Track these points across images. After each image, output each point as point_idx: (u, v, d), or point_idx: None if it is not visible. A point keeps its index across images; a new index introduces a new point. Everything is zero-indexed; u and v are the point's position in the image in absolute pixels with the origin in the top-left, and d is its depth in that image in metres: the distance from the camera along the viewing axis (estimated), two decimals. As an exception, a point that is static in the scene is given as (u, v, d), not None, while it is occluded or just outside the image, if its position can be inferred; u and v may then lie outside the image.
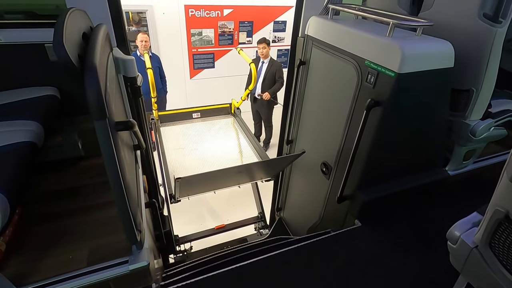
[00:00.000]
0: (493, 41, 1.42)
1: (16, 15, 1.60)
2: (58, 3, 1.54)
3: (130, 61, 1.55)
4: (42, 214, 1.42)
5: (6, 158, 1.04)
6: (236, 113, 3.66)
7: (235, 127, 3.52)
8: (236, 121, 3.57)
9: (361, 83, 1.58)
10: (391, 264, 1.54)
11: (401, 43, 1.32)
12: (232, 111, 3.71)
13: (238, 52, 3.66)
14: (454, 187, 2.06)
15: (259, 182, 2.85)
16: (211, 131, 3.32)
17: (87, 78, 0.81)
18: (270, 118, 4.77)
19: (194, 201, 2.59)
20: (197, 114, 3.56)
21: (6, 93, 1.48)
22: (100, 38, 1.08)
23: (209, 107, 3.63)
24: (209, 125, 3.49)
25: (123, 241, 1.34)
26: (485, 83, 1.58)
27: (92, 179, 1.69)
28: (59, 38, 0.80)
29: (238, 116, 3.60)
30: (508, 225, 0.75)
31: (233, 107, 3.66)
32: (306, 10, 1.98)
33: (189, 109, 3.53)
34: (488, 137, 1.81)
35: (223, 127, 3.48)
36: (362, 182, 1.73)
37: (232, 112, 3.71)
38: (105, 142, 0.90)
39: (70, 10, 1.00)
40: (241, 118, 3.51)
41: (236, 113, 3.65)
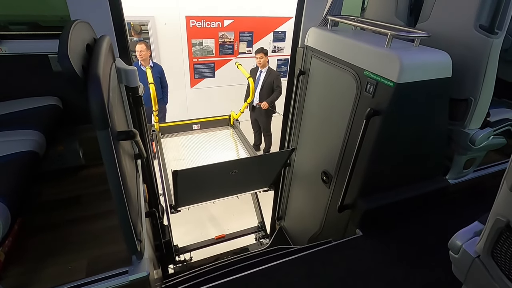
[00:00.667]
0: (489, 52, 1.45)
1: (21, 26, 1.63)
2: (63, 14, 1.57)
3: (132, 72, 1.57)
4: (42, 223, 1.42)
5: (7, 167, 1.04)
6: (235, 124, 3.74)
7: (234, 138, 3.60)
8: (235, 133, 3.65)
9: (361, 93, 1.59)
10: (393, 274, 1.52)
11: (400, 54, 1.34)
12: (231, 122, 3.79)
13: (237, 66, 3.79)
14: (455, 195, 2.06)
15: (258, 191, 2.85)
16: (210, 142, 3.40)
17: (90, 88, 0.82)
18: (269, 126, 4.78)
19: (194, 210, 2.60)
20: (197, 126, 3.64)
21: (9, 103, 1.49)
22: (104, 49, 1.10)
23: (209, 119, 3.71)
24: (208, 136, 3.57)
25: (123, 251, 1.32)
26: (483, 93, 1.60)
27: (93, 188, 1.69)
28: (64, 49, 0.82)
29: (237, 128, 3.68)
30: (509, 235, 0.75)
31: (232, 119, 3.74)
32: (306, 21, 2.02)
33: (189, 120, 3.60)
34: (488, 145, 1.82)
35: (222, 138, 3.56)
36: (363, 191, 1.72)
37: (231, 123, 3.79)
38: (107, 151, 0.91)
39: (75, 23, 1.03)
40: (240, 130, 3.59)
41: (235, 125, 3.73)
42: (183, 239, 3.01)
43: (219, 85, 5.70)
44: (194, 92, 5.59)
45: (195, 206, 2.47)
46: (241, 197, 2.73)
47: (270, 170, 2.53)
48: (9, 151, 1.12)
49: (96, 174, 1.80)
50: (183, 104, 5.57)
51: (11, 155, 1.10)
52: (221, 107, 5.78)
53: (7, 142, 1.17)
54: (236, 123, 3.73)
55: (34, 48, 1.48)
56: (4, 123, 1.32)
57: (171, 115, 4.84)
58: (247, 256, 2.30)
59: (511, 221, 0.72)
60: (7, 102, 1.50)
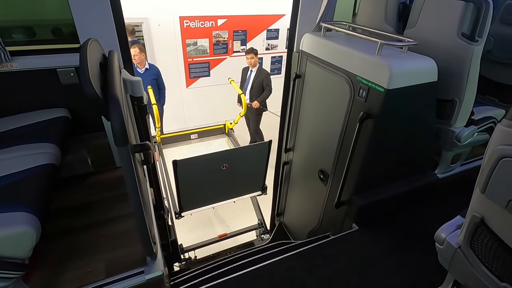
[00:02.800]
0: (471, 57, 1.56)
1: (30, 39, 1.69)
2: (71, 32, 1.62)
3: (137, 82, 1.65)
4: (58, 229, 1.51)
5: (33, 180, 1.13)
6: (229, 133, 4.01)
7: (229, 145, 3.88)
8: (230, 140, 3.94)
9: (354, 97, 1.70)
10: (388, 264, 1.66)
11: (389, 62, 1.45)
12: (226, 131, 4.06)
13: (230, 82, 4.10)
14: (443, 188, 2.20)
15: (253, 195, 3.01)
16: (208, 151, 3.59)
17: (112, 110, 0.90)
18: (258, 124, 4.81)
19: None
20: (194, 135, 3.95)
21: (21, 116, 1.56)
22: (115, 68, 1.18)
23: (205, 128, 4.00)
24: (206, 145, 3.88)
25: (137, 252, 1.43)
26: (467, 94, 1.72)
27: (102, 194, 1.78)
28: (86, 75, 0.90)
29: (231, 136, 3.97)
30: (484, 228, 0.86)
31: (227, 128, 4.02)
32: (300, 26, 2.10)
33: (187, 131, 3.93)
34: (472, 142, 1.95)
35: (219, 147, 3.87)
36: (358, 187, 1.84)
37: (226, 132, 4.06)
38: (127, 164, 1.00)
39: (88, 45, 1.10)
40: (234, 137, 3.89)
41: (230, 133, 4.01)
42: (186, 238, 3.12)
43: (214, 84, 5.76)
44: (190, 92, 5.64)
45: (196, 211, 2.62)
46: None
47: (257, 166, 2.65)
48: (30, 165, 1.20)
49: (104, 180, 1.89)
50: (179, 103, 5.62)
51: (33, 168, 1.18)
52: (217, 105, 5.87)
53: (27, 156, 1.25)
54: (230, 131, 4.00)
55: (43, 63, 1.54)
56: (20, 137, 1.39)
57: (168, 115, 4.89)
58: (250, 252, 2.41)
59: (485, 218, 0.84)
60: (19, 115, 1.57)
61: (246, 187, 2.77)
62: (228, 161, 2.41)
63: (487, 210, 0.82)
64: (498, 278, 0.89)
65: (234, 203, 2.88)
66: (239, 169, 2.53)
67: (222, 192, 2.64)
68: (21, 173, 1.15)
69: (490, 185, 0.73)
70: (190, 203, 2.53)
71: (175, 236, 2.56)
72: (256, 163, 2.62)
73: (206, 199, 2.61)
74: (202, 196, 2.56)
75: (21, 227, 0.94)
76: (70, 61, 1.59)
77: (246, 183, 2.73)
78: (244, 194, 2.80)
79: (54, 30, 1.82)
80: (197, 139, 3.94)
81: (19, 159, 1.23)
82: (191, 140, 3.92)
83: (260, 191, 2.86)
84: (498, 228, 0.81)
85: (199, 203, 2.59)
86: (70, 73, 1.62)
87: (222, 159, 2.39)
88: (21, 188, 1.08)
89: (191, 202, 2.53)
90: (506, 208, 0.71)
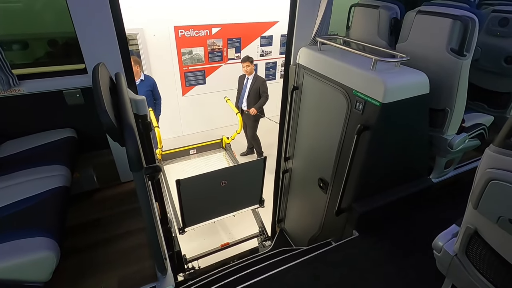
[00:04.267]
0: (460, 71, 1.65)
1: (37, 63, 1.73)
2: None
3: (141, 101, 1.69)
4: (70, 247, 1.54)
5: (48, 204, 1.17)
6: (226, 147, 4.20)
7: (227, 159, 4.08)
8: (227, 154, 4.14)
9: (351, 109, 1.77)
10: (389, 270, 1.73)
11: (384, 77, 1.53)
12: (223, 145, 4.25)
13: (226, 101, 4.31)
14: (439, 193, 2.29)
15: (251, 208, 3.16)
16: (207, 166, 3.88)
17: (127, 138, 0.96)
18: (255, 130, 4.88)
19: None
20: (193, 151, 4.12)
21: (29, 138, 1.60)
22: (125, 93, 1.23)
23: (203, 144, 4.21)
24: (205, 160, 4.07)
25: (147, 268, 1.47)
26: (457, 103, 1.81)
27: (110, 210, 1.82)
28: (103, 107, 0.95)
29: (228, 150, 4.16)
30: (477, 239, 0.94)
31: (224, 142, 4.22)
32: (297, 40, 2.18)
33: (186, 147, 4.10)
34: (464, 148, 2.04)
35: (217, 161, 4.05)
36: (358, 195, 1.92)
37: (223, 146, 4.26)
38: (141, 187, 1.05)
39: (99, 72, 1.15)
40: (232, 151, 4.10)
41: (227, 147, 4.19)
42: (188, 246, 3.16)
43: (210, 91, 5.81)
44: (186, 100, 5.68)
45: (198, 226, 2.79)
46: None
47: (254, 181, 2.84)
48: (44, 188, 1.24)
49: (110, 196, 1.93)
50: (175, 112, 5.66)
51: (47, 192, 1.23)
52: (213, 112, 5.92)
53: (40, 179, 1.29)
54: (227, 146, 4.18)
55: (50, 86, 1.58)
56: (30, 159, 1.43)
57: (164, 124, 4.92)
58: (254, 260, 2.47)
59: (478, 229, 0.91)
60: (27, 137, 1.61)
61: (244, 201, 2.95)
62: (226, 178, 2.59)
63: (480, 223, 0.89)
64: (492, 284, 0.96)
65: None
66: (237, 185, 2.71)
67: (222, 207, 2.81)
68: (36, 197, 1.19)
69: (481, 203, 0.81)
70: (193, 219, 2.70)
71: (179, 247, 2.60)
72: (253, 179, 2.81)
73: (208, 214, 2.78)
74: (203, 211, 2.73)
75: (42, 252, 0.98)
76: (76, 82, 1.64)
77: (244, 197, 2.91)
78: (243, 208, 2.98)
79: (59, 50, 1.87)
80: (196, 154, 4.13)
81: (32, 183, 1.27)
82: (190, 156, 4.11)
83: (258, 204, 3.04)
84: (491, 239, 0.88)
85: (201, 218, 2.76)
86: (76, 94, 1.66)
87: (221, 177, 2.56)
88: (38, 213, 1.12)
89: (194, 218, 2.70)
90: (497, 223, 0.78)
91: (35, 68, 1.62)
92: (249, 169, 2.74)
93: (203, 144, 4.21)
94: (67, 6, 1.42)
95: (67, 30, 1.57)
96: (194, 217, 2.70)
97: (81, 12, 1.45)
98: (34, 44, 1.93)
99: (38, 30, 1.95)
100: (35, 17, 1.91)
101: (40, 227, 1.06)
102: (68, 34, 1.67)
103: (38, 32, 1.96)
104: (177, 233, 2.62)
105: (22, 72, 1.57)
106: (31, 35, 1.93)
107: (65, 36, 1.89)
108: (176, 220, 2.84)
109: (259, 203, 3.02)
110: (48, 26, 1.95)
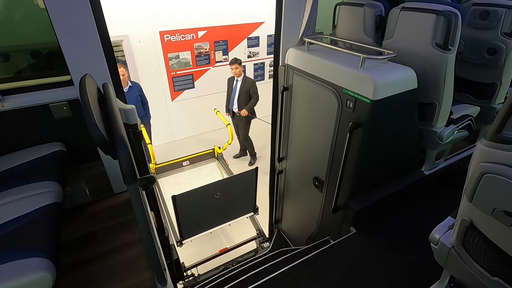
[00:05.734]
0: (446, 65, 1.69)
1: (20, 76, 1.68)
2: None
3: (131, 111, 1.66)
4: (65, 263, 1.50)
5: (40, 223, 1.13)
6: (218, 157, 4.30)
7: (219, 169, 4.19)
8: (220, 164, 4.24)
9: (342, 108, 1.79)
10: (388, 264, 1.75)
11: (373, 75, 1.54)
12: (216, 155, 4.35)
13: (216, 113, 4.44)
14: (431, 184, 2.33)
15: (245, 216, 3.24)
16: (201, 177, 3.97)
17: (120, 151, 0.93)
18: (247, 132, 4.87)
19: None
20: (186, 162, 4.19)
21: (17, 154, 1.55)
22: (114, 103, 1.21)
23: (196, 155, 4.29)
24: (198, 171, 4.14)
25: (146, 280, 1.45)
26: (444, 97, 1.85)
27: (104, 223, 1.78)
28: (92, 121, 0.93)
29: (221, 159, 4.25)
30: (473, 230, 0.96)
31: (216, 152, 4.32)
32: (284, 40, 2.18)
33: (179, 159, 4.16)
34: (453, 139, 2.08)
35: (210, 172, 4.14)
36: (353, 192, 1.93)
37: (215, 156, 4.36)
38: (137, 199, 1.03)
39: (85, 84, 1.12)
40: (224, 160, 4.20)
41: (219, 157, 4.28)
42: (185, 252, 3.13)
43: (199, 95, 5.77)
44: (175, 105, 5.63)
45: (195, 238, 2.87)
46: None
47: (247, 191, 2.93)
48: (35, 206, 1.20)
49: (103, 208, 1.89)
50: (165, 118, 5.60)
51: (38, 209, 1.19)
52: (204, 115, 5.88)
53: (30, 197, 1.25)
54: (219, 155, 4.27)
55: (36, 100, 1.54)
56: (19, 176, 1.39)
57: (155, 130, 4.86)
58: (254, 263, 2.46)
59: (473, 221, 0.93)
60: (14, 153, 1.56)
61: (238, 210, 3.03)
62: (220, 190, 2.68)
63: (475, 215, 0.91)
64: (490, 273, 0.98)
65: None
66: (231, 195, 2.80)
67: (217, 218, 2.90)
68: (28, 216, 1.16)
69: (476, 196, 0.82)
70: (190, 231, 2.79)
71: (177, 255, 2.56)
72: (246, 189, 2.90)
73: (204, 225, 2.86)
74: (200, 223, 2.81)
75: (37, 273, 0.96)
76: (62, 95, 1.60)
77: (239, 207, 3.00)
78: (237, 217, 3.06)
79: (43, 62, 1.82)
80: (189, 166, 4.21)
81: (23, 200, 1.23)
82: (183, 167, 4.18)
83: (252, 212, 3.14)
84: (487, 230, 0.90)
85: (197, 230, 2.85)
86: (63, 107, 1.62)
87: (215, 189, 2.65)
88: (30, 232, 1.09)
89: (191, 230, 2.79)
90: (492, 215, 0.80)
91: (18, 82, 1.57)
92: (242, 180, 2.84)
93: (195, 155, 4.31)
94: (48, 16, 1.38)
95: (51, 41, 1.54)
96: (191, 229, 2.78)
97: (64, 22, 1.42)
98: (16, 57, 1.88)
99: (19, 41, 1.89)
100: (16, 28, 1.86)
101: (33, 247, 1.03)
102: (51, 44, 1.63)
103: (20, 44, 1.91)
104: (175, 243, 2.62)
105: (5, 87, 1.52)
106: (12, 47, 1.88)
107: (48, 47, 1.85)
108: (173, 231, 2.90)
109: (253, 211, 3.12)
110: (31, 37, 1.90)
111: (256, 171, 2.79)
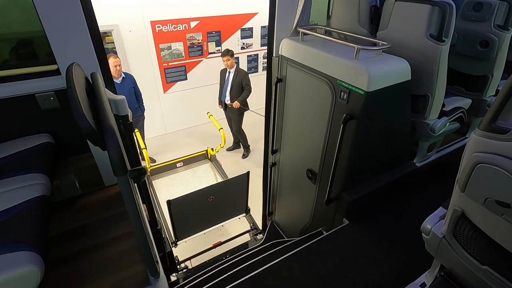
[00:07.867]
0: (440, 56, 1.68)
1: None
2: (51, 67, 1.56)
3: (121, 101, 1.63)
4: (55, 257, 1.47)
5: (28, 215, 1.10)
6: (212, 158, 4.38)
7: (213, 170, 4.29)
8: (213, 165, 4.35)
9: (336, 99, 1.78)
10: (380, 254, 1.77)
11: (367, 66, 1.53)
12: (209, 156, 4.43)
13: (209, 116, 4.48)
14: (422, 176, 2.36)
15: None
16: (194, 178, 4.08)
17: (109, 142, 0.90)
18: (240, 124, 4.85)
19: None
20: (180, 164, 4.27)
21: (2, 146, 1.50)
22: (103, 93, 1.17)
23: (189, 156, 4.37)
24: (191, 172, 4.24)
25: (139, 273, 1.43)
26: (437, 89, 1.85)
27: (94, 216, 1.75)
28: (80, 110, 0.89)
29: (214, 160, 4.34)
30: (464, 220, 0.97)
31: (209, 154, 4.40)
32: (278, 31, 2.15)
33: (173, 160, 4.24)
34: (445, 131, 2.10)
35: (204, 173, 4.25)
36: (346, 184, 1.94)
37: (209, 157, 4.45)
38: (127, 191, 1.01)
39: (73, 73, 1.08)
40: (217, 161, 4.29)
41: (212, 158, 4.37)
42: (179, 246, 3.12)
43: (192, 87, 5.70)
44: (168, 97, 5.55)
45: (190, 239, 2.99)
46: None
47: (239, 193, 3.04)
48: (22, 199, 1.17)
49: (94, 201, 1.86)
50: (158, 110, 5.53)
51: (25, 202, 1.16)
52: (197, 108, 5.82)
53: (17, 189, 1.21)
54: (212, 157, 4.36)
55: (21, 89, 1.48)
56: (5, 169, 1.34)
57: (148, 123, 4.79)
58: (247, 255, 2.47)
59: (465, 211, 0.94)
60: (0, 145, 1.51)
61: (231, 212, 3.16)
62: (213, 193, 2.79)
63: (467, 205, 0.92)
64: (479, 262, 1.00)
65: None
66: (224, 198, 2.90)
67: (211, 220, 3.02)
68: (14, 209, 1.12)
69: (468, 186, 0.83)
70: (184, 233, 2.89)
71: (170, 248, 2.56)
72: (238, 192, 3.01)
73: (198, 227, 2.98)
74: (194, 225, 2.93)
75: (25, 267, 0.93)
76: (49, 85, 1.54)
77: (231, 209, 3.12)
78: (230, 218, 3.18)
79: (29, 52, 1.76)
80: (183, 167, 4.29)
81: (10, 193, 1.19)
82: (177, 169, 4.26)
83: (244, 213, 3.27)
84: (478, 220, 0.91)
85: (192, 231, 2.96)
86: (49, 97, 1.57)
87: (208, 193, 2.77)
88: (18, 225, 1.06)
89: (185, 232, 2.89)
90: (484, 205, 0.81)
91: (2, 72, 1.51)
92: (234, 183, 2.94)
93: (189, 156, 4.39)
94: (33, 2, 1.33)
95: (36, 29, 1.48)
96: (186, 231, 2.88)
97: (49, 8, 1.36)
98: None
99: (2, 30, 1.82)
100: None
101: (20, 241, 1.00)
102: (37, 33, 1.57)
103: (3, 33, 1.83)
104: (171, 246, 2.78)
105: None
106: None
107: (34, 35, 1.78)
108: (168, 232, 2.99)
109: (245, 211, 3.25)
110: (15, 25, 1.82)
111: (248, 175, 2.90)
